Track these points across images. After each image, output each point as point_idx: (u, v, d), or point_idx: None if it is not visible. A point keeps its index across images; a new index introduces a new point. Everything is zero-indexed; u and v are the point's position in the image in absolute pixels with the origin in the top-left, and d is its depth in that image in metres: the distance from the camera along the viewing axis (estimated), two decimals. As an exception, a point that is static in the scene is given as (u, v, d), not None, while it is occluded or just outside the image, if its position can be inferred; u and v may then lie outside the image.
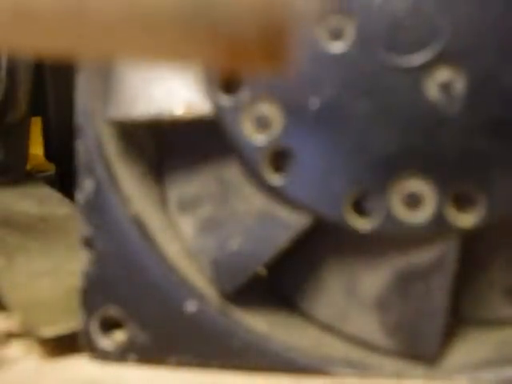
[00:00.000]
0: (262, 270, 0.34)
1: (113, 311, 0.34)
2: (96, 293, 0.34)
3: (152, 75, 0.33)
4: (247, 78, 0.32)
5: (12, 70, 0.53)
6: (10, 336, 0.36)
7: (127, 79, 0.34)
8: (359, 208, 0.32)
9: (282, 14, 0.20)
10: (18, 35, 0.20)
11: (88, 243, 0.34)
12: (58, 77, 0.57)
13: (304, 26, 0.25)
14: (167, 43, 0.20)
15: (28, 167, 0.59)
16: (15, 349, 0.35)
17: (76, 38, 0.20)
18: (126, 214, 0.34)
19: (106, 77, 0.34)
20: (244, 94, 0.32)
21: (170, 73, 0.33)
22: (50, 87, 0.58)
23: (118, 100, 0.34)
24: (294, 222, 0.33)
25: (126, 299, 0.34)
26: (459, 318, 0.33)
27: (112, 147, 0.34)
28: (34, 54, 0.24)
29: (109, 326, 0.34)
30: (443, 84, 0.30)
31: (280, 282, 0.35)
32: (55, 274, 0.39)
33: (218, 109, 0.32)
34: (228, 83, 0.32)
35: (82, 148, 0.34)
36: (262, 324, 0.33)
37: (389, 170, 0.31)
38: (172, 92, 0.33)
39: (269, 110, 0.32)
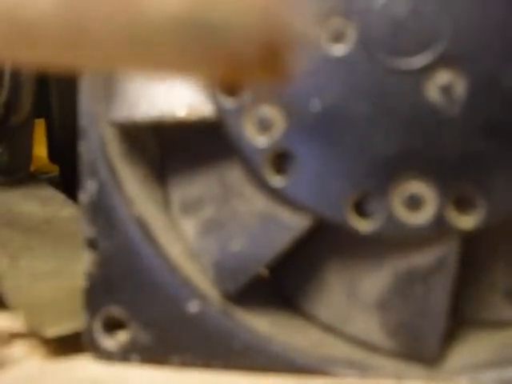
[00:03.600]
0: (263, 271, 0.34)
1: (116, 311, 0.34)
2: (99, 293, 0.34)
3: (155, 77, 0.33)
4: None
5: (16, 72, 0.53)
6: (13, 336, 0.36)
7: (130, 81, 0.34)
8: (360, 210, 0.32)
9: (281, 30, 0.20)
10: (17, 51, 0.20)
11: (91, 244, 0.34)
12: (61, 79, 0.57)
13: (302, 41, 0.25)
14: (167, 60, 0.21)
15: (32, 168, 0.59)
16: (19, 349, 0.35)
17: (76, 53, 0.20)
18: (129, 215, 0.34)
19: (109, 79, 0.34)
20: (246, 97, 0.32)
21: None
22: (53, 89, 0.58)
23: (121, 102, 0.34)
24: (295, 223, 0.33)
25: (128, 300, 0.34)
26: (460, 320, 0.33)
27: (115, 149, 0.35)
28: (34, 68, 0.24)
29: (112, 326, 0.34)
30: (444, 86, 0.30)
31: (281, 282, 0.35)
32: (58, 275, 0.39)
33: (220, 111, 0.33)
34: (230, 86, 0.32)
35: (86, 149, 0.34)
36: (263, 324, 0.33)
37: (390, 171, 0.31)
38: (174, 94, 0.33)
39: (270, 112, 0.32)
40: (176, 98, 0.33)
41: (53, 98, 0.59)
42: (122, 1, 0.19)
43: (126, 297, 0.34)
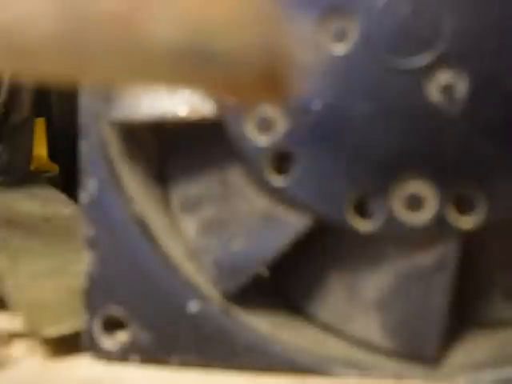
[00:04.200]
0: (264, 271, 0.34)
1: (115, 311, 0.34)
2: (99, 293, 0.34)
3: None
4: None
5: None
6: (13, 336, 0.36)
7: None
8: (361, 209, 0.32)
9: (281, 55, 0.20)
10: (16, 68, 0.20)
11: (91, 243, 0.34)
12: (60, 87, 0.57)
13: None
14: (166, 81, 0.21)
15: (32, 167, 0.59)
16: (18, 348, 0.35)
17: (75, 74, 0.20)
18: (129, 214, 0.34)
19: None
20: (246, 96, 0.32)
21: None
22: (53, 88, 0.58)
23: (121, 101, 0.34)
24: (295, 223, 0.33)
25: (128, 299, 0.34)
26: (460, 319, 0.33)
27: (115, 148, 0.35)
28: (32, 81, 0.24)
29: (111, 326, 0.34)
30: (445, 86, 0.30)
31: (282, 282, 0.35)
32: (58, 275, 0.39)
33: (221, 110, 0.33)
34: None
35: (86, 149, 0.34)
36: (263, 324, 0.33)
37: (390, 171, 0.31)
38: (175, 93, 0.33)
39: (271, 111, 0.32)
40: (176, 97, 0.33)
41: (53, 97, 0.59)
42: (122, 26, 0.19)
43: (125, 296, 0.34)
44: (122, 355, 0.34)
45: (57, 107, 0.59)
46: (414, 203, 0.31)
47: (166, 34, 0.19)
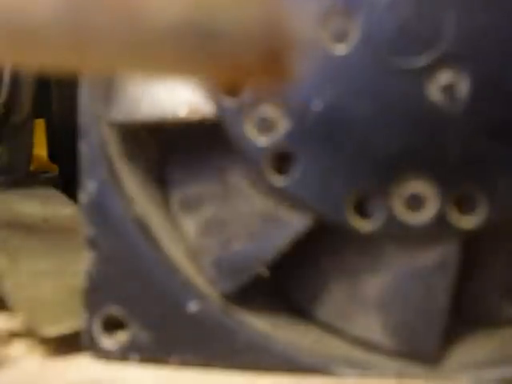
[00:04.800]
0: (264, 271, 0.34)
1: (115, 311, 0.34)
2: (99, 293, 0.34)
3: (156, 76, 0.33)
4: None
5: (16, 71, 0.53)
6: (12, 335, 0.36)
7: (130, 81, 0.34)
8: (361, 209, 0.32)
9: (283, 34, 0.20)
10: (17, 55, 0.20)
11: (91, 243, 0.34)
12: (61, 78, 0.57)
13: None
14: (168, 64, 0.21)
15: (32, 168, 0.59)
16: (18, 348, 0.35)
17: (76, 58, 0.20)
18: (129, 214, 0.34)
19: (110, 79, 0.34)
20: (247, 96, 0.32)
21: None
22: (53, 89, 0.58)
23: (121, 102, 0.34)
24: (296, 223, 0.33)
25: (128, 299, 0.34)
26: (460, 319, 0.33)
27: (115, 148, 0.35)
28: (34, 71, 0.24)
29: (111, 325, 0.34)
30: (446, 86, 0.30)
31: (282, 282, 0.35)
32: (58, 274, 0.39)
33: (221, 111, 0.33)
34: (231, 87, 0.32)
35: (86, 149, 0.34)
36: (264, 324, 0.33)
37: (391, 171, 0.31)
38: (175, 94, 0.33)
39: (271, 111, 0.32)
40: (176, 97, 0.33)
41: (53, 97, 0.59)
42: (124, 6, 0.19)
43: (125, 296, 0.34)
44: (122, 355, 0.34)
45: (57, 108, 0.59)
46: (415, 203, 0.31)
47: (167, 12, 0.19)
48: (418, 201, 0.31)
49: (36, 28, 0.19)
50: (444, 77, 0.30)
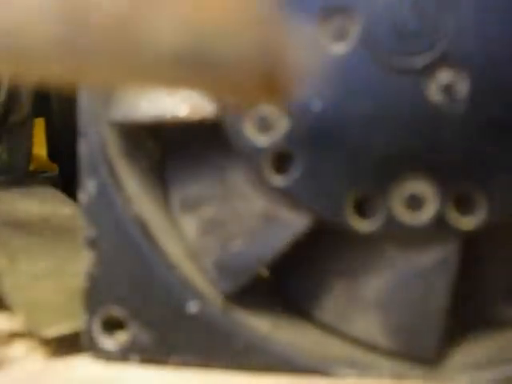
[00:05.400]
0: (263, 271, 0.34)
1: (115, 311, 0.34)
2: (98, 293, 0.34)
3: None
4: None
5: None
6: (12, 336, 0.36)
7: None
8: (361, 209, 0.32)
9: (282, 55, 0.20)
10: (15, 73, 0.20)
11: (91, 243, 0.34)
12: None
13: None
14: (165, 80, 0.21)
15: (31, 167, 0.59)
16: (18, 349, 0.35)
17: (74, 71, 0.20)
18: (129, 214, 0.34)
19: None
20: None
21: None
22: (53, 90, 0.58)
23: (121, 101, 0.34)
24: (295, 223, 0.33)
25: (128, 299, 0.34)
26: (459, 320, 0.33)
27: (115, 148, 0.35)
28: (31, 83, 0.24)
29: (111, 326, 0.34)
30: (445, 86, 0.30)
31: (282, 282, 0.35)
32: (58, 275, 0.39)
33: (221, 110, 0.33)
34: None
35: (85, 149, 0.34)
36: (263, 324, 0.33)
37: (390, 171, 0.31)
38: (175, 94, 0.33)
39: (271, 111, 0.32)
40: (176, 97, 0.33)
41: (53, 97, 0.59)
42: (122, 29, 0.19)
43: (125, 296, 0.34)
44: (122, 355, 0.34)
45: (56, 107, 0.59)
46: (414, 203, 0.31)
47: (166, 37, 0.19)
48: (418, 201, 0.31)
49: (36, 46, 0.19)
50: (443, 77, 0.30)
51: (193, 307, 0.33)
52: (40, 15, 0.19)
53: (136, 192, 0.35)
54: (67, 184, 0.54)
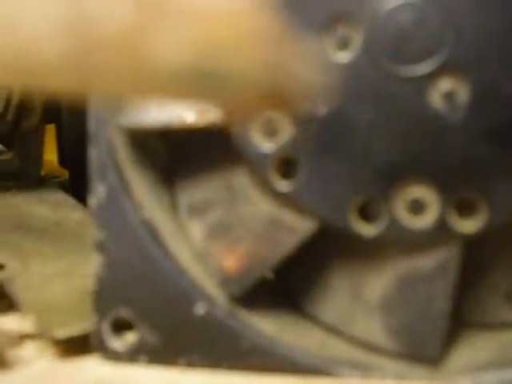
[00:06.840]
0: (269, 274, 0.34)
1: (124, 313, 0.34)
2: (108, 295, 0.34)
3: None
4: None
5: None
6: (23, 337, 0.36)
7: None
8: (364, 214, 0.32)
9: (288, 72, 0.20)
10: (23, 83, 0.20)
11: (100, 247, 0.34)
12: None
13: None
14: (170, 96, 0.21)
15: (42, 173, 0.59)
16: (29, 349, 0.36)
17: (80, 87, 0.20)
18: (138, 218, 0.34)
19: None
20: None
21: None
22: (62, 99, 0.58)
23: (130, 107, 0.34)
24: (300, 227, 0.33)
25: (136, 301, 0.34)
26: (461, 322, 0.34)
27: (124, 153, 0.35)
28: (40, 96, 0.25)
29: (120, 327, 0.34)
30: (447, 93, 0.31)
31: (287, 285, 0.35)
32: (68, 277, 0.40)
33: (227, 117, 0.33)
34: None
35: (95, 154, 0.35)
36: (269, 326, 0.34)
37: (393, 176, 0.32)
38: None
39: (276, 117, 0.32)
40: (184, 104, 0.33)
41: (63, 104, 0.59)
42: (128, 47, 0.19)
43: (134, 299, 0.34)
44: (131, 356, 0.34)
45: (67, 113, 0.59)
46: (417, 208, 0.32)
47: (172, 55, 0.19)
48: (420, 205, 0.31)
49: (43, 63, 0.19)
50: (445, 84, 0.31)
51: (200, 309, 0.33)
52: (48, 32, 0.19)
53: (145, 196, 0.35)
54: (77, 189, 0.54)
